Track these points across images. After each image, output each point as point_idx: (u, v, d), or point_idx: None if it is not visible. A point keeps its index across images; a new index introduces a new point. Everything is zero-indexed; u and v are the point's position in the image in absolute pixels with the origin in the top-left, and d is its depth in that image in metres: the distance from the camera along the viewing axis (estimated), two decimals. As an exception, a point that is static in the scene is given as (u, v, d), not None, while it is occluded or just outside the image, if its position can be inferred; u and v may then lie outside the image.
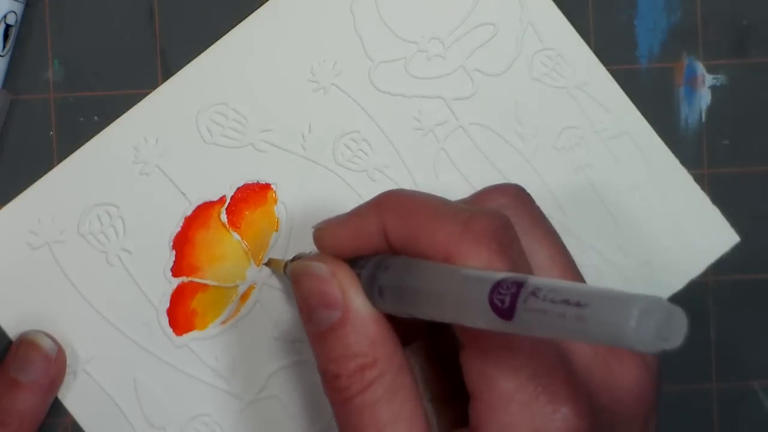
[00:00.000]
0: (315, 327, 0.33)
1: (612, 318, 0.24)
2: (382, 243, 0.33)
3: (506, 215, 0.32)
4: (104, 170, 0.41)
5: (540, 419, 0.30)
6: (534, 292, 0.26)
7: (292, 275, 0.35)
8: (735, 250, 0.44)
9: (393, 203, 0.33)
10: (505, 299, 0.27)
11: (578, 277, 0.34)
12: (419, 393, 0.33)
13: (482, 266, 0.30)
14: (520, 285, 0.27)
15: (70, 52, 0.42)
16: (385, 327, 0.33)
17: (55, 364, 0.40)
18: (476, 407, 0.31)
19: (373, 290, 0.32)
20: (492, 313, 0.27)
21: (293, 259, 0.39)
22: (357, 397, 0.32)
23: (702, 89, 0.44)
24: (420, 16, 0.43)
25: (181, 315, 0.41)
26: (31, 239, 0.41)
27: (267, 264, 0.42)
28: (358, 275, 0.33)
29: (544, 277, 0.27)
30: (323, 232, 0.35)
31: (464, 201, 0.35)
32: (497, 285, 0.27)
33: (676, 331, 0.24)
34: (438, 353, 0.36)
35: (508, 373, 0.30)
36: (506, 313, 0.27)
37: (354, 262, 0.34)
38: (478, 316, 0.28)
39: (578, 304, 0.25)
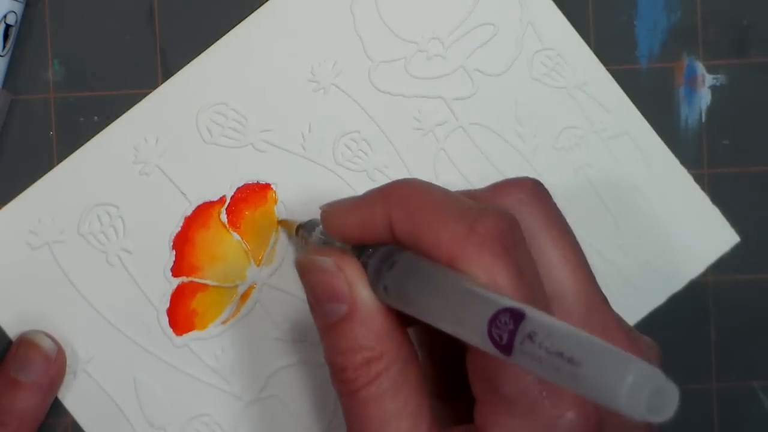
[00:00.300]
0: (323, 319, 0.33)
1: (604, 385, 0.25)
2: (388, 234, 0.33)
3: (513, 215, 0.32)
4: (104, 170, 0.41)
5: (544, 424, 0.30)
6: (531, 336, 0.26)
7: (299, 268, 0.34)
8: (735, 250, 0.44)
9: (400, 196, 0.33)
10: (503, 336, 0.27)
11: (590, 277, 0.34)
12: (426, 387, 0.33)
13: (486, 272, 0.30)
14: (517, 321, 0.27)
15: (70, 52, 0.42)
16: (392, 320, 0.33)
17: (55, 364, 0.40)
18: (480, 410, 0.31)
19: (378, 284, 0.32)
20: (492, 345, 0.27)
21: (305, 225, 0.39)
22: (363, 389, 0.32)
23: (702, 89, 0.44)
24: (420, 16, 0.43)
25: (181, 315, 0.41)
26: (31, 239, 0.41)
27: (279, 223, 0.42)
28: (365, 264, 0.33)
29: (542, 313, 0.27)
30: (331, 215, 0.35)
31: (479, 192, 0.35)
32: (495, 317, 0.27)
33: (667, 404, 0.24)
34: (441, 349, 0.36)
35: (512, 376, 0.30)
36: (504, 349, 0.27)
37: (362, 249, 0.34)
38: (479, 342, 0.28)
39: (571, 361, 0.25)
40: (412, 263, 0.32)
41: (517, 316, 0.27)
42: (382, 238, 0.33)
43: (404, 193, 0.33)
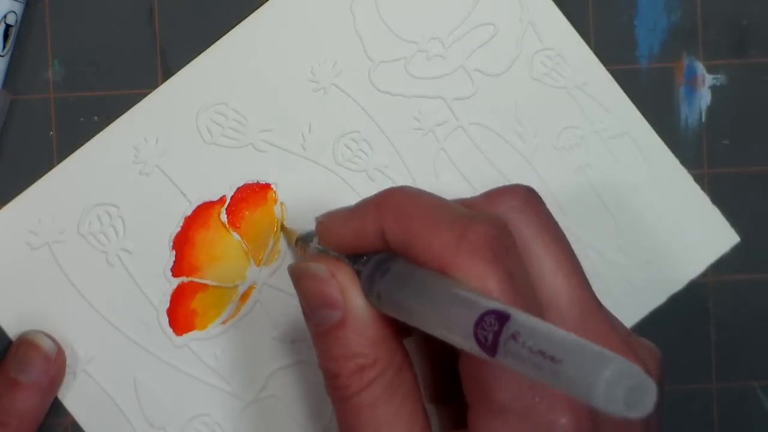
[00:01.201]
0: (316, 326, 0.33)
1: (582, 381, 0.25)
2: (382, 243, 0.33)
3: (504, 221, 0.32)
4: (104, 170, 0.41)
5: (537, 430, 0.30)
6: (514, 336, 0.27)
7: (292, 275, 0.35)
8: (735, 250, 0.44)
9: (392, 205, 0.33)
10: (488, 336, 0.27)
11: (584, 283, 0.34)
12: (420, 392, 0.33)
13: (477, 279, 0.30)
14: (502, 322, 0.27)
15: (70, 52, 0.42)
16: (386, 326, 0.33)
17: (55, 364, 0.40)
18: (474, 416, 0.31)
19: (371, 291, 0.32)
20: (477, 347, 0.28)
21: (303, 237, 0.39)
22: (355, 396, 0.32)
23: (702, 89, 0.44)
24: (420, 16, 0.43)
25: (181, 315, 0.41)
26: (31, 239, 0.41)
27: (282, 229, 0.42)
28: (359, 272, 0.33)
29: (526, 314, 0.27)
30: (326, 227, 0.35)
31: (472, 201, 0.35)
32: (481, 319, 0.28)
33: (645, 400, 0.25)
34: (438, 352, 0.36)
35: (505, 382, 0.30)
36: (490, 350, 0.27)
37: (357, 257, 0.34)
38: (465, 344, 0.28)
39: (553, 359, 0.26)
40: (404, 270, 0.32)
41: (502, 318, 0.27)
42: (376, 246, 0.33)
43: (396, 201, 0.33)
